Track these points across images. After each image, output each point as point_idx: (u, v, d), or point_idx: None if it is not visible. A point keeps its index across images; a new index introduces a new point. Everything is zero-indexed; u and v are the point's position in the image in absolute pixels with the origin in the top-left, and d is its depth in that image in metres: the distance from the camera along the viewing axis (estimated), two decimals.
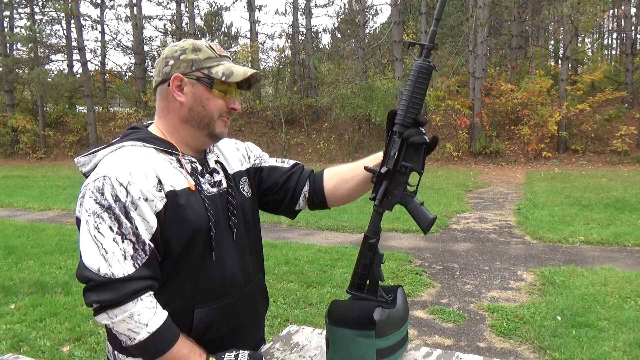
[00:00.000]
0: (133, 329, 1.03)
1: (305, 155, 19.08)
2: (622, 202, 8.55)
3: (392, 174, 1.17)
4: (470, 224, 7.38)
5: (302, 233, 6.75)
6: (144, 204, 1.05)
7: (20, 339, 3.48)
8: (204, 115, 1.17)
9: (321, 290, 4.45)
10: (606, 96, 17.27)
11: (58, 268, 5.26)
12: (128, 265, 1.03)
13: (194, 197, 1.13)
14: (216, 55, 1.18)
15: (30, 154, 22.57)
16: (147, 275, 1.05)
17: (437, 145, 1.17)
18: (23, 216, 8.69)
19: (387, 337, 1.17)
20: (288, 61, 24.14)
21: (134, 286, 1.03)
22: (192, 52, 1.16)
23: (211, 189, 1.20)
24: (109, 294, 1.01)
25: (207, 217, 1.14)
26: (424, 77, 1.15)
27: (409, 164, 1.16)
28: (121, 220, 1.03)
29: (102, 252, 1.03)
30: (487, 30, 18.21)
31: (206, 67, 1.16)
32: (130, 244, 1.04)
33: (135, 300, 1.03)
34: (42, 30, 23.89)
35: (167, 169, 1.13)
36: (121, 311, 1.02)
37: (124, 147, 1.13)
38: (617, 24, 25.18)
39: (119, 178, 1.04)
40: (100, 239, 1.03)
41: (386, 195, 1.18)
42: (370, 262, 1.20)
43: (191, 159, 1.19)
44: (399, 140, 1.15)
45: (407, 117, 1.15)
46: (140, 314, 1.03)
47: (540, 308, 3.90)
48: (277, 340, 1.41)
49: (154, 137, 1.17)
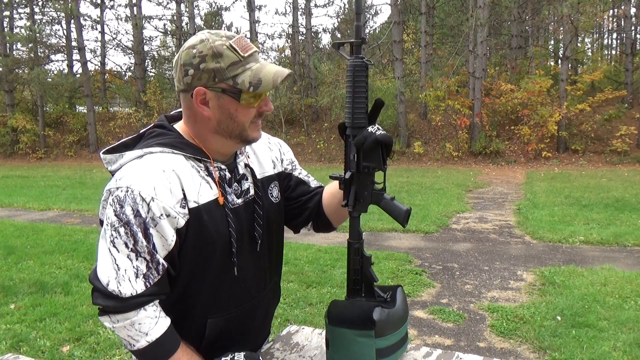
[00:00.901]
0: (133, 337, 1.03)
1: (305, 155, 19.08)
2: (622, 202, 8.55)
3: (357, 177, 1.16)
4: (470, 224, 7.38)
5: (302, 233, 6.69)
6: (164, 221, 1.02)
7: (20, 339, 3.48)
8: (234, 127, 1.10)
9: (321, 290, 4.45)
10: (606, 96, 17.26)
11: (58, 268, 5.26)
12: (139, 284, 1.02)
13: (218, 211, 1.10)
14: (240, 58, 1.05)
15: (30, 154, 22.56)
16: (156, 292, 1.05)
17: (392, 143, 1.14)
18: (23, 216, 8.69)
19: (386, 337, 1.17)
20: (288, 61, 24.13)
21: (139, 300, 1.03)
22: (212, 60, 1.04)
23: (237, 200, 1.16)
24: (113, 303, 1.02)
25: (228, 233, 1.12)
26: (360, 74, 1.12)
27: (370, 164, 1.13)
28: (137, 238, 1.01)
29: (114, 267, 1.01)
30: (487, 30, 18.21)
31: (231, 77, 1.05)
32: (144, 262, 1.02)
33: (139, 310, 1.03)
34: (42, 30, 23.88)
35: (195, 179, 1.09)
36: (123, 318, 1.03)
37: (152, 155, 1.07)
38: (617, 24, 25.17)
39: (142, 193, 1.00)
40: (114, 253, 1.02)
41: (357, 198, 1.17)
42: (360, 266, 1.20)
43: (220, 166, 1.14)
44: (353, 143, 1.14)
45: (355, 120, 1.13)
46: (141, 323, 1.03)
47: (540, 308, 3.90)
48: (277, 340, 1.41)
49: (184, 143, 1.11)
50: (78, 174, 16.14)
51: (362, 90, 1.12)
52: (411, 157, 17.62)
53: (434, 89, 17.42)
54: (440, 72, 19.45)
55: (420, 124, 19.54)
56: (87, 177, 15.13)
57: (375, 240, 6.46)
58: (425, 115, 19.64)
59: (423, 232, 6.82)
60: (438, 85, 17.36)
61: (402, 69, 18.12)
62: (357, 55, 1.12)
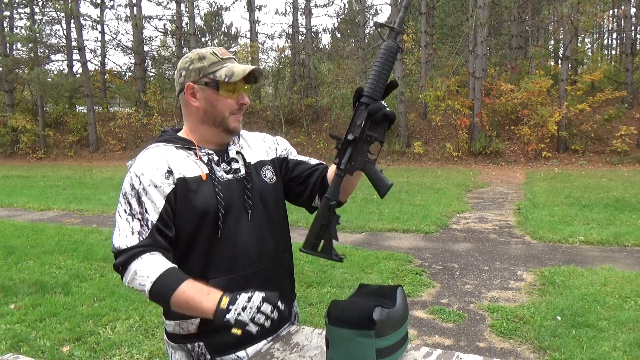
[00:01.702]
0: (140, 283, 1.19)
1: (305, 155, 19.02)
2: (622, 202, 8.55)
3: (358, 142, 1.26)
4: (470, 224, 7.38)
5: (302, 233, 6.74)
6: (153, 190, 1.26)
7: (20, 339, 3.48)
8: (216, 115, 1.34)
9: (321, 290, 4.45)
10: (606, 96, 17.27)
11: (58, 268, 5.26)
12: (134, 238, 1.23)
13: (205, 184, 1.31)
14: (219, 60, 1.32)
15: (30, 154, 22.57)
16: (149, 243, 1.23)
17: (395, 121, 1.28)
18: (23, 216, 8.69)
19: (386, 337, 1.17)
20: (288, 61, 24.13)
21: (135, 251, 1.22)
22: (198, 61, 1.32)
23: (226, 175, 1.36)
24: (120, 259, 1.23)
25: (216, 200, 1.30)
26: (392, 56, 1.25)
27: (374, 134, 1.25)
28: (132, 204, 1.26)
29: (118, 230, 1.26)
30: (487, 30, 18.21)
31: (211, 72, 1.31)
32: (137, 222, 1.25)
33: (136, 259, 1.21)
34: (42, 30, 23.89)
35: (183, 161, 1.32)
36: (128, 271, 1.21)
37: (150, 148, 1.34)
38: (617, 24, 25.19)
39: (136, 171, 1.28)
40: (118, 220, 1.27)
41: (349, 160, 1.27)
42: (327, 222, 1.28)
43: (208, 152, 1.36)
44: (365, 111, 1.24)
45: (375, 91, 1.24)
46: (141, 269, 1.20)
47: (540, 308, 3.90)
48: (277, 340, 1.41)
49: (175, 137, 1.37)
50: (78, 174, 16.15)
51: (388, 69, 1.24)
52: (411, 157, 17.62)
53: (434, 89, 17.42)
54: (440, 72, 19.45)
55: (420, 124, 19.55)
56: (87, 177, 15.13)
57: (375, 240, 6.46)
58: (425, 115, 19.64)
59: (423, 232, 6.82)
60: (438, 85, 17.36)
61: (402, 69, 18.13)
62: (393, 39, 1.25)
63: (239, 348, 1.36)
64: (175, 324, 1.36)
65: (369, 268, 5.08)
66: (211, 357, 1.34)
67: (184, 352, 1.37)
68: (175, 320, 1.35)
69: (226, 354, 1.35)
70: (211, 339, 1.34)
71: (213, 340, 1.34)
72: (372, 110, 1.23)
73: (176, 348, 1.38)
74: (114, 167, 18.46)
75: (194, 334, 1.34)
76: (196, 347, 1.35)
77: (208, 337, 1.34)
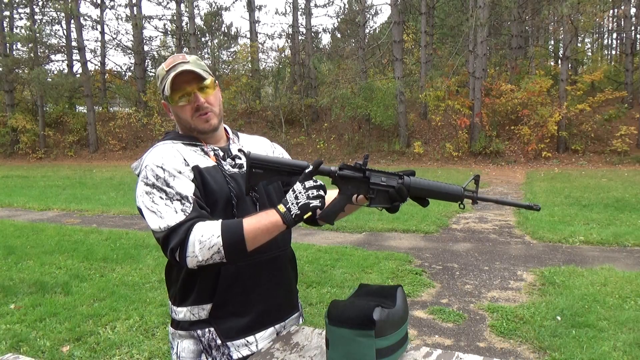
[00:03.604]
0: (210, 244, 1.21)
1: (305, 155, 19.07)
2: (622, 202, 8.55)
3: (349, 199, 1.38)
4: (470, 224, 7.38)
5: (302, 233, 6.76)
6: (179, 175, 1.31)
7: (20, 339, 3.48)
8: (184, 122, 1.42)
9: (321, 290, 4.45)
10: (606, 96, 17.26)
11: (58, 268, 5.26)
12: (180, 216, 1.25)
13: (216, 173, 1.37)
14: (164, 73, 1.38)
15: (30, 154, 22.57)
16: (196, 215, 1.27)
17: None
18: (23, 216, 8.69)
19: (386, 337, 1.17)
20: (288, 61, 24.14)
21: (187, 225, 1.23)
22: (158, 79, 1.43)
23: (232, 169, 1.41)
24: (175, 238, 1.23)
25: (228, 189, 1.35)
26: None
27: (380, 204, 1.35)
28: (166, 190, 1.29)
29: (159, 215, 1.26)
30: (487, 30, 18.22)
31: (162, 89, 1.40)
32: (178, 202, 1.28)
33: (192, 230, 1.22)
34: (42, 30, 23.89)
35: (193, 154, 1.38)
36: (190, 245, 1.21)
37: (158, 145, 1.39)
38: (617, 24, 25.19)
39: (155, 162, 1.32)
40: (156, 208, 1.28)
41: (332, 210, 1.36)
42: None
43: (214, 147, 1.43)
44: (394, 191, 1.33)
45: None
46: (203, 234, 1.21)
47: (540, 308, 3.90)
48: (277, 340, 1.41)
49: (181, 135, 1.45)
50: (78, 174, 16.15)
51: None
52: (411, 157, 17.62)
53: (434, 89, 17.43)
54: (440, 72, 19.45)
55: (420, 124, 19.55)
56: (87, 177, 15.13)
57: (375, 240, 6.46)
58: (425, 115, 19.64)
59: (423, 232, 6.82)
60: (438, 85, 17.36)
61: (402, 69, 18.13)
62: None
63: (248, 333, 1.39)
64: (186, 310, 1.37)
65: (369, 268, 5.08)
66: (222, 342, 1.36)
67: (192, 340, 1.38)
68: (187, 306, 1.37)
69: (236, 339, 1.37)
70: (222, 324, 1.36)
71: (224, 325, 1.36)
72: (393, 197, 1.32)
73: (184, 336, 1.39)
74: (114, 167, 18.46)
75: (205, 320, 1.37)
76: (206, 332, 1.36)
77: (219, 322, 1.36)
